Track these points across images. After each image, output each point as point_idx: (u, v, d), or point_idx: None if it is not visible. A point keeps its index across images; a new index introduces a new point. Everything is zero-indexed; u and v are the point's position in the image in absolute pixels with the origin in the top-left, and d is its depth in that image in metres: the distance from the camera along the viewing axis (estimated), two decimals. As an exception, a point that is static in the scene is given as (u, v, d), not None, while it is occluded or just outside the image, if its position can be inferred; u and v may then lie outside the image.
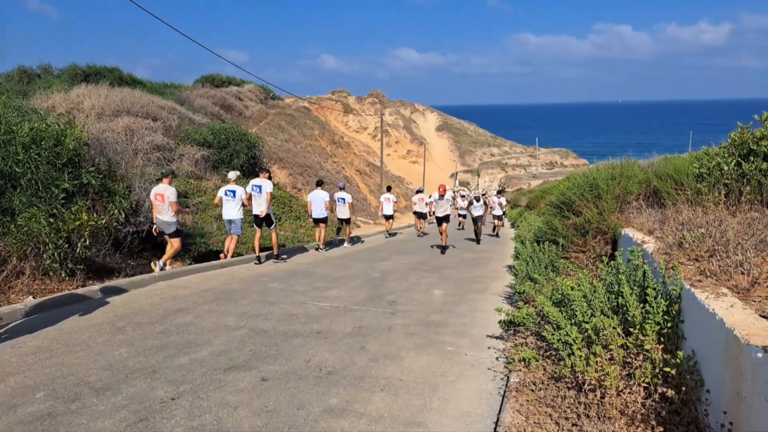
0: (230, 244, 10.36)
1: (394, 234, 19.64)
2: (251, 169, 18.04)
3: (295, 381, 4.42)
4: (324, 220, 13.10)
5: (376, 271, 9.94)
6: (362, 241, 16.58)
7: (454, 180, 79.66)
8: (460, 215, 24.75)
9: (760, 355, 2.41)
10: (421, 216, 19.59)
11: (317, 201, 12.94)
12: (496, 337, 5.74)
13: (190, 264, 9.40)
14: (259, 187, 10.43)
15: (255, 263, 10.34)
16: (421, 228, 19.58)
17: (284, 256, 11.16)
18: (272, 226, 10.76)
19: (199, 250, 10.51)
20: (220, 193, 10.41)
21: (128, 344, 5.18)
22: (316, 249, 13.16)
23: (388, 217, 18.18)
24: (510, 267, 9.93)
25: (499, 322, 5.92)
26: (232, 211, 10.26)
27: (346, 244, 14.46)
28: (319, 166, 33.23)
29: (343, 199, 14.30)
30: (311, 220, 13.19)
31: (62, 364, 4.58)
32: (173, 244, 8.73)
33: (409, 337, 5.75)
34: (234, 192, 10.27)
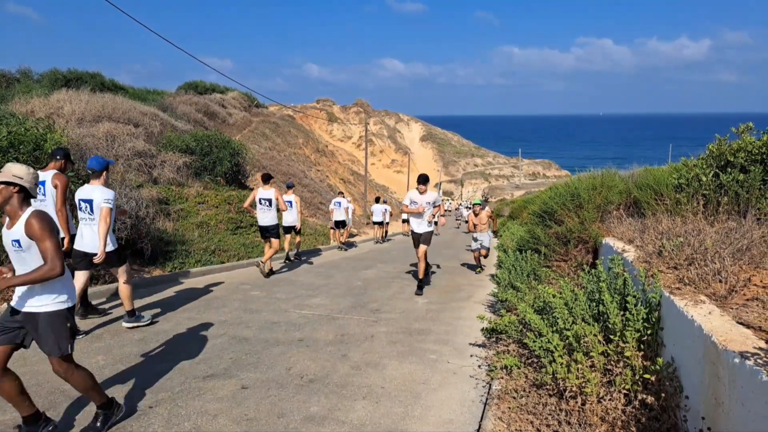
0: (336, 236, 16.88)
1: (389, 240, 22.26)
2: (234, 177, 17.91)
3: (276, 389, 4.39)
4: (381, 223, 20.45)
5: (358, 280, 9.92)
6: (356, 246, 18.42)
7: (437, 190, 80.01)
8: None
9: (737, 360, 2.45)
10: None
11: (377, 211, 20.16)
12: (479, 345, 5.75)
13: (171, 272, 9.29)
14: (339, 203, 16.42)
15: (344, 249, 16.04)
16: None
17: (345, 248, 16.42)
18: (345, 227, 16.70)
19: (179, 257, 10.37)
20: (331, 206, 16.60)
21: (106, 351, 5.09)
22: (376, 242, 19.74)
23: (380, 224, 21.50)
24: (493, 276, 9.97)
25: (482, 329, 5.94)
26: (341, 215, 16.30)
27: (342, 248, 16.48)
28: (303, 174, 33.18)
29: (339, 203, 16.84)
30: (373, 223, 21.05)
31: (37, 371, 4.48)
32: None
33: (391, 345, 5.74)
34: (340, 203, 16.40)
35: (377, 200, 21.48)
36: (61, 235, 5.21)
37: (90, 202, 5.53)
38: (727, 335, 2.68)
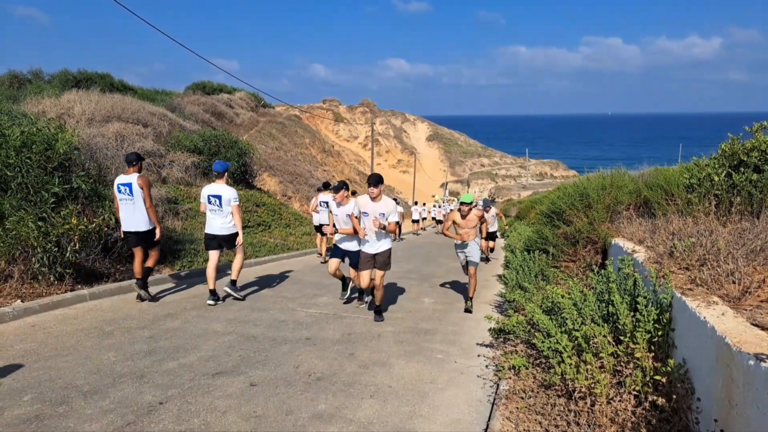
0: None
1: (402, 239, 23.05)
2: (242, 177, 17.97)
3: (284, 387, 4.39)
4: (397, 223, 21.52)
5: (366, 279, 9.91)
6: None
7: (444, 190, 79.84)
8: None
9: (752, 362, 2.42)
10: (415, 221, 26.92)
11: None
12: (486, 345, 5.73)
13: (180, 270, 9.32)
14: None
15: None
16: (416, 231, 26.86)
17: None
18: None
19: (188, 256, 10.41)
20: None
21: (116, 348, 5.12)
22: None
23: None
24: (500, 276, 9.95)
25: (489, 330, 5.93)
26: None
27: None
28: (310, 174, 33.21)
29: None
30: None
31: (50, 367, 4.52)
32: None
33: (398, 344, 5.73)
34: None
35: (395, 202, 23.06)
36: (151, 226, 6.92)
37: (219, 197, 7.00)
38: (742, 337, 2.66)
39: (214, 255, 7.15)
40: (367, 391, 4.40)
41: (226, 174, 7.17)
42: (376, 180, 6.55)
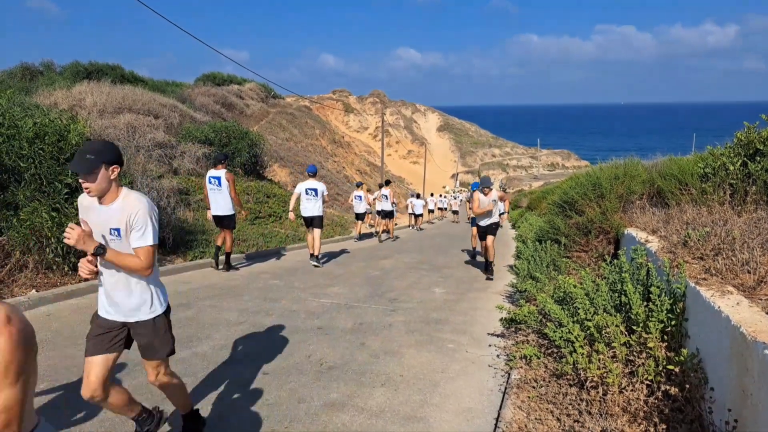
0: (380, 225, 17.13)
1: (422, 229, 23.70)
2: (252, 168, 18.00)
3: (296, 375, 4.42)
4: (420, 215, 23.54)
5: (376, 269, 9.93)
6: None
7: (454, 181, 79.56)
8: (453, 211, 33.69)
9: (767, 351, 2.40)
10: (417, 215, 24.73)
11: (418, 204, 23.25)
12: (497, 335, 5.73)
13: (192, 261, 9.38)
14: (386, 196, 16.79)
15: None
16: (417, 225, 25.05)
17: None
18: (392, 218, 17.50)
19: (200, 246, 10.48)
20: (376, 195, 17.55)
21: (129, 338, 5.17)
22: (412, 229, 22.91)
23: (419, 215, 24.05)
24: (511, 267, 9.92)
25: (501, 319, 5.92)
26: (388, 206, 16.78)
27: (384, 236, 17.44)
28: (320, 165, 33.23)
29: (386, 196, 17.40)
30: (412, 214, 23.49)
31: (65, 356, 4.58)
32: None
33: (409, 333, 5.75)
34: (387, 196, 16.84)
35: (418, 196, 24.82)
36: (231, 212, 8.58)
37: (315, 190, 9.70)
38: (757, 326, 2.63)
39: (310, 230, 9.80)
40: (379, 379, 4.42)
41: (316, 173, 10.12)
42: (87, 156, 2.75)
